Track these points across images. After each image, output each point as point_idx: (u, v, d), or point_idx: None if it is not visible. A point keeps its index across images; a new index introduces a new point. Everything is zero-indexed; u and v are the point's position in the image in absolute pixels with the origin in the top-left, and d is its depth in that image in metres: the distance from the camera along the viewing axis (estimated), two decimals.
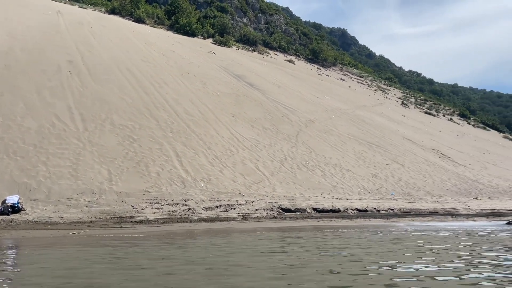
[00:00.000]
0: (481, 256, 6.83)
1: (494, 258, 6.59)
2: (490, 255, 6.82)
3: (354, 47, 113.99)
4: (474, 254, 6.98)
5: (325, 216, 12.85)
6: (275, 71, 42.49)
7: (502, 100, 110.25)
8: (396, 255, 6.97)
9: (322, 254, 6.88)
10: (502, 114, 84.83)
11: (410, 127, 38.11)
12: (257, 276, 5.07)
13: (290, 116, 26.83)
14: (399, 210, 14.57)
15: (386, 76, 72.78)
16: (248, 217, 11.62)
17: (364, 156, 23.25)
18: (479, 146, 39.89)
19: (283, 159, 18.81)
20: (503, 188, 23.72)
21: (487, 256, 6.74)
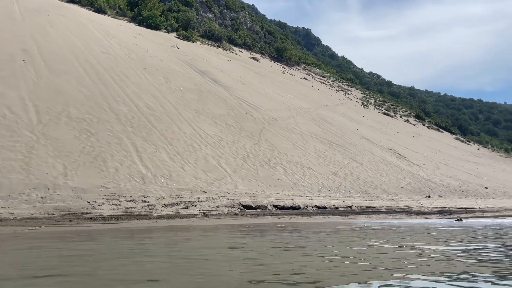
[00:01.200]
0: (421, 250, 7.17)
1: (424, 249, 6.96)
2: (424, 248, 7.19)
3: (318, 47, 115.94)
4: (416, 247, 7.32)
5: (285, 213, 13.01)
6: (239, 68, 42.46)
7: (455, 103, 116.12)
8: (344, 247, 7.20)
9: (279, 249, 6.96)
10: (455, 116, 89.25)
11: (369, 127, 39.32)
12: (220, 269, 5.07)
13: (254, 113, 26.91)
14: (357, 208, 15.00)
15: (347, 77, 74.62)
16: (209, 214, 11.56)
17: (325, 155, 23.73)
18: (433, 146, 41.82)
19: (246, 156, 18.85)
20: (453, 187, 25.00)
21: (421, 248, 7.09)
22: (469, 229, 11.25)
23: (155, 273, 4.92)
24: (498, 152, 59.76)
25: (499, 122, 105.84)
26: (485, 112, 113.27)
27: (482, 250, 7.39)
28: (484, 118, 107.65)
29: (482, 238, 9.27)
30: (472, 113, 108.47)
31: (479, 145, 59.88)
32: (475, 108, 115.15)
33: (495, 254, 6.94)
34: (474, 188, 26.17)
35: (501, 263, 6.13)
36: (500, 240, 8.91)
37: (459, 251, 7.16)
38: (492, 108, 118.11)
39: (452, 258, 6.45)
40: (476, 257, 6.57)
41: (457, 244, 8.12)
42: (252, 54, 55.25)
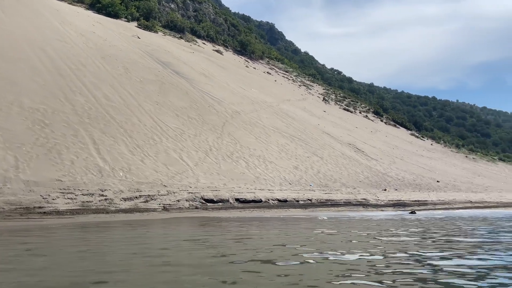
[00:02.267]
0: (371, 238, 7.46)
1: (375, 239, 7.26)
2: (373, 237, 7.50)
3: (281, 42, 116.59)
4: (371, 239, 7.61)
5: (247, 207, 13.07)
6: (202, 60, 41.97)
7: (411, 100, 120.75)
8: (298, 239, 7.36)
9: (238, 242, 6.99)
10: (411, 113, 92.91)
11: (330, 122, 40.16)
12: (178, 262, 5.02)
13: (217, 106, 26.74)
14: (317, 201, 15.32)
15: (310, 72, 75.67)
16: (170, 208, 11.41)
17: (287, 149, 24.02)
18: (390, 142, 43.38)
19: (208, 150, 18.72)
20: (408, 181, 26.08)
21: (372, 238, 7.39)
22: (421, 221, 11.80)
23: (106, 271, 4.80)
24: (449, 147, 62.93)
25: (451, 119, 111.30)
26: (439, 109, 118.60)
27: (422, 238, 7.78)
28: (438, 115, 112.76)
29: (429, 228, 9.75)
30: (426, 110, 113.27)
31: (433, 141, 62.76)
32: (429, 105, 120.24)
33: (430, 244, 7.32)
34: (427, 182, 27.43)
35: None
36: (441, 232, 9.41)
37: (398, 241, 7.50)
38: (445, 106, 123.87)
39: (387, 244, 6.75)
40: (419, 242, 6.91)
41: (401, 233, 8.49)
42: (215, 46, 54.75)
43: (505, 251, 6.59)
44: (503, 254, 6.31)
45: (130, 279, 4.37)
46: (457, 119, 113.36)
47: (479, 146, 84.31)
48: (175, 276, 4.50)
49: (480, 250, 6.81)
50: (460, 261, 5.67)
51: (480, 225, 11.04)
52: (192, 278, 4.43)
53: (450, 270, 5.10)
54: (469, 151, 67.89)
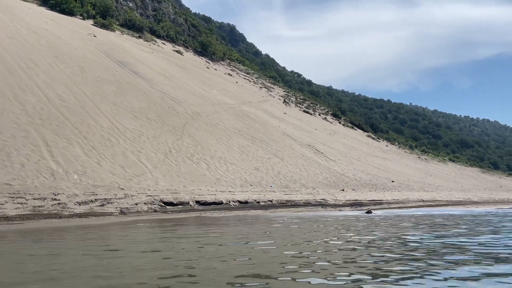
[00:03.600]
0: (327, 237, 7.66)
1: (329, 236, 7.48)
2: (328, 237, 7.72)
3: (242, 44, 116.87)
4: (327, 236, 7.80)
5: (207, 209, 12.97)
6: (162, 61, 41.26)
7: (367, 103, 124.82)
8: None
9: (194, 244, 6.93)
10: (367, 115, 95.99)
11: (290, 124, 40.70)
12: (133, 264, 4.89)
13: (177, 108, 26.37)
14: (277, 202, 15.46)
15: (270, 74, 76.34)
16: (127, 211, 11.10)
17: (248, 150, 24.08)
18: (348, 143, 44.60)
19: (168, 152, 18.42)
20: (365, 181, 26.91)
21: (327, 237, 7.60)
22: (374, 220, 12.22)
23: (52, 276, 4.61)
24: (403, 148, 65.61)
25: (405, 121, 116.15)
26: (393, 112, 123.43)
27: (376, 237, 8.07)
28: (392, 118, 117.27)
29: (381, 226, 10.13)
30: (382, 113, 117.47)
31: (388, 142, 65.18)
32: (385, 108, 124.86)
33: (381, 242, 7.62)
34: (382, 182, 28.43)
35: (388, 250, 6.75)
36: (391, 230, 9.80)
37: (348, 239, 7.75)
38: (399, 109, 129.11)
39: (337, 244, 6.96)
40: (368, 242, 7.16)
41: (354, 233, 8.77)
42: (175, 47, 54.02)
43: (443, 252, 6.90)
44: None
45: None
46: (411, 121, 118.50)
47: (431, 147, 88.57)
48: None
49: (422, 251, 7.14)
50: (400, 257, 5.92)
51: (429, 224, 11.58)
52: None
53: (400, 269, 5.31)
54: (422, 152, 71.13)
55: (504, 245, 7.24)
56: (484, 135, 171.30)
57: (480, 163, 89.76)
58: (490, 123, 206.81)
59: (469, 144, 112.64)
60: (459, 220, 12.69)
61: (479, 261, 5.65)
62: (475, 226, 10.69)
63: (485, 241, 7.81)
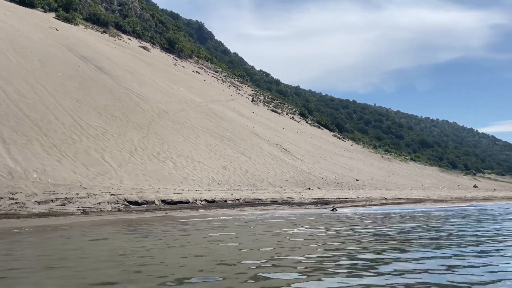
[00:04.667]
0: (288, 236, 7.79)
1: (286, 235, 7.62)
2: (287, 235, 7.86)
3: (211, 41, 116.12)
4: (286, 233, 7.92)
5: (174, 208, 12.81)
6: (128, 57, 40.33)
7: (334, 103, 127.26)
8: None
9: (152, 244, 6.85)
10: (333, 115, 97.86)
11: (258, 123, 40.87)
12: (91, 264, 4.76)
13: (143, 105, 25.87)
14: (244, 200, 15.49)
15: (239, 73, 76.30)
16: (90, 211, 10.79)
17: (216, 149, 23.98)
18: (314, 142, 45.31)
19: (133, 150, 18.05)
20: (330, 180, 27.43)
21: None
22: (339, 217, 12.51)
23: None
24: (368, 148, 67.39)
25: (370, 122, 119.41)
26: (359, 112, 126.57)
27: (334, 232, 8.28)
28: (358, 118, 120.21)
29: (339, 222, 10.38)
30: (347, 113, 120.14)
31: (353, 142, 66.76)
32: (350, 108, 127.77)
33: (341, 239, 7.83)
34: (347, 181, 29.09)
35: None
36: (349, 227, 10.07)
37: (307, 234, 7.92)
38: (364, 109, 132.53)
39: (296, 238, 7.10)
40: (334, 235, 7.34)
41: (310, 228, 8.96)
42: (142, 43, 52.94)
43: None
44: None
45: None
46: (375, 121, 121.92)
47: (394, 147, 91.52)
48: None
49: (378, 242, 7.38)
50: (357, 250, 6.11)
51: (388, 220, 11.97)
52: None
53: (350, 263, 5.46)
54: (385, 151, 73.34)
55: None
56: (443, 136, 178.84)
57: (439, 162, 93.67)
58: (449, 124, 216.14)
59: (429, 144, 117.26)
60: (411, 216, 13.19)
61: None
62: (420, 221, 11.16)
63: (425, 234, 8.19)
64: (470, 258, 5.66)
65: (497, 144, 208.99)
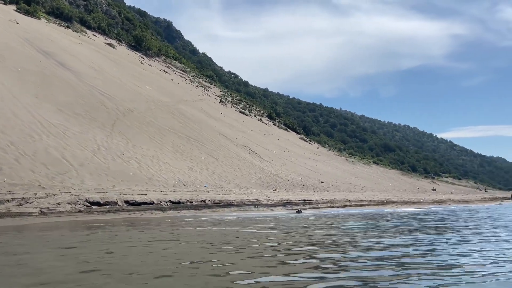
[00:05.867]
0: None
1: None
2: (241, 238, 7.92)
3: (179, 41, 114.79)
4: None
5: (137, 209, 12.54)
6: (92, 53, 39.17)
7: (301, 106, 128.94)
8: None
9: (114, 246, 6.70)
10: (300, 118, 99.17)
11: (226, 124, 40.76)
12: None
13: (107, 103, 25.20)
14: (210, 202, 15.39)
15: (207, 74, 75.83)
16: (48, 211, 10.38)
17: (182, 149, 23.71)
18: (281, 144, 45.71)
19: (96, 149, 17.53)
20: (296, 182, 27.75)
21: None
22: (304, 218, 12.68)
23: None
24: (333, 151, 68.73)
25: (335, 125, 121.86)
26: (325, 115, 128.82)
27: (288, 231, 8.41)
28: (324, 121, 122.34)
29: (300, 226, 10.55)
30: (314, 116, 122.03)
31: (319, 145, 67.87)
32: (317, 111, 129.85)
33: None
34: (313, 183, 29.53)
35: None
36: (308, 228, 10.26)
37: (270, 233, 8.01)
38: (330, 113, 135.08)
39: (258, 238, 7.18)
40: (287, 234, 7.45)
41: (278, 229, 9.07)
42: (107, 39, 51.55)
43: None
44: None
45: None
46: (340, 125, 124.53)
47: (358, 150, 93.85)
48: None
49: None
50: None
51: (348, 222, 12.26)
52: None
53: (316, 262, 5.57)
54: (349, 154, 75.02)
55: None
56: (405, 140, 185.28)
57: (401, 166, 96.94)
58: (410, 129, 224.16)
59: (392, 148, 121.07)
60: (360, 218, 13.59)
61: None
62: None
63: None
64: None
65: (455, 149, 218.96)
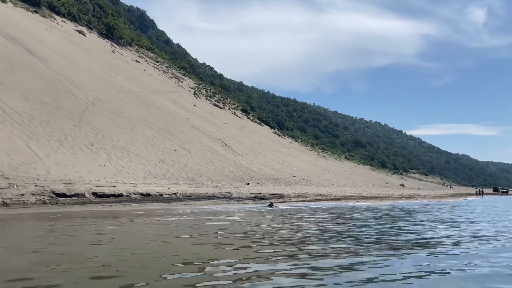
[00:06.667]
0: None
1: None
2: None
3: (153, 30, 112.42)
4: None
5: (106, 201, 12.23)
6: (61, 40, 37.79)
7: (275, 100, 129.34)
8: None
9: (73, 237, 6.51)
10: (274, 112, 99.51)
11: (200, 116, 40.37)
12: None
13: (76, 92, 24.40)
14: (182, 194, 15.21)
15: (181, 65, 74.75)
16: (11, 202, 9.96)
17: (154, 141, 23.29)
18: (255, 138, 45.73)
19: (63, 139, 16.96)
20: (269, 176, 27.85)
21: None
22: (275, 212, 12.73)
23: None
24: (306, 146, 69.42)
25: (309, 120, 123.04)
26: (298, 110, 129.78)
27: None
28: (297, 116, 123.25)
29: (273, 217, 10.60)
30: (288, 111, 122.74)
31: (292, 139, 68.37)
32: (291, 106, 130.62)
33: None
34: (285, 177, 29.72)
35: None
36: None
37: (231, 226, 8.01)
38: (304, 108, 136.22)
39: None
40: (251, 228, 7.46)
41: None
42: (77, 26, 49.84)
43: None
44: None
45: None
46: (313, 120, 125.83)
47: (330, 145, 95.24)
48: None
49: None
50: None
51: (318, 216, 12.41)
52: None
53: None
54: (322, 149, 76.03)
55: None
56: (375, 137, 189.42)
57: (371, 161, 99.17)
58: (381, 125, 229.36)
59: (363, 144, 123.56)
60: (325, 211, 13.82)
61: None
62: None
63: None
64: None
65: (423, 146, 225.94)
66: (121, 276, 4.22)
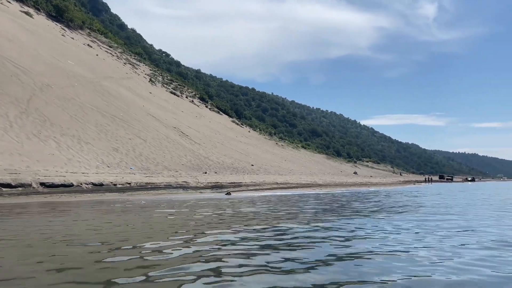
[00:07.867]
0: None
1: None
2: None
3: (106, 14, 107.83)
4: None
5: (55, 192, 11.71)
6: (5, 21, 35.36)
7: (234, 89, 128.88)
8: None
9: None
10: (233, 101, 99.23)
11: (156, 104, 39.45)
12: None
13: (22, 77, 23.01)
14: (136, 184, 14.87)
15: (136, 51, 72.48)
16: None
17: (107, 129, 22.52)
18: (213, 127, 45.42)
19: (8, 127, 16.00)
20: (227, 164, 27.83)
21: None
22: (231, 200, 12.77)
23: None
24: (264, 135, 69.92)
25: (267, 110, 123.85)
26: (257, 100, 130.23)
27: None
28: (256, 105, 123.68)
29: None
30: (246, 100, 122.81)
31: (250, 128, 68.60)
32: (249, 95, 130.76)
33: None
34: (243, 166, 29.84)
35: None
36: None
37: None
38: (262, 97, 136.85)
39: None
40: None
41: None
42: (23, 7, 46.81)
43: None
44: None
45: None
46: (272, 110, 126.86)
47: (287, 134, 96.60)
48: None
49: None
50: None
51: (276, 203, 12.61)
52: None
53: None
54: (279, 139, 76.93)
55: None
56: (331, 126, 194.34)
57: (327, 150, 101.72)
58: (336, 115, 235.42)
59: (319, 133, 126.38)
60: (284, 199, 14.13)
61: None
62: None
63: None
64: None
65: (375, 135, 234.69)
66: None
